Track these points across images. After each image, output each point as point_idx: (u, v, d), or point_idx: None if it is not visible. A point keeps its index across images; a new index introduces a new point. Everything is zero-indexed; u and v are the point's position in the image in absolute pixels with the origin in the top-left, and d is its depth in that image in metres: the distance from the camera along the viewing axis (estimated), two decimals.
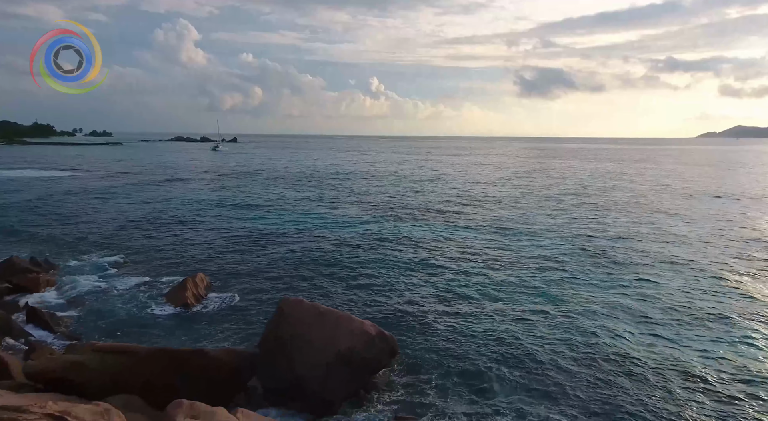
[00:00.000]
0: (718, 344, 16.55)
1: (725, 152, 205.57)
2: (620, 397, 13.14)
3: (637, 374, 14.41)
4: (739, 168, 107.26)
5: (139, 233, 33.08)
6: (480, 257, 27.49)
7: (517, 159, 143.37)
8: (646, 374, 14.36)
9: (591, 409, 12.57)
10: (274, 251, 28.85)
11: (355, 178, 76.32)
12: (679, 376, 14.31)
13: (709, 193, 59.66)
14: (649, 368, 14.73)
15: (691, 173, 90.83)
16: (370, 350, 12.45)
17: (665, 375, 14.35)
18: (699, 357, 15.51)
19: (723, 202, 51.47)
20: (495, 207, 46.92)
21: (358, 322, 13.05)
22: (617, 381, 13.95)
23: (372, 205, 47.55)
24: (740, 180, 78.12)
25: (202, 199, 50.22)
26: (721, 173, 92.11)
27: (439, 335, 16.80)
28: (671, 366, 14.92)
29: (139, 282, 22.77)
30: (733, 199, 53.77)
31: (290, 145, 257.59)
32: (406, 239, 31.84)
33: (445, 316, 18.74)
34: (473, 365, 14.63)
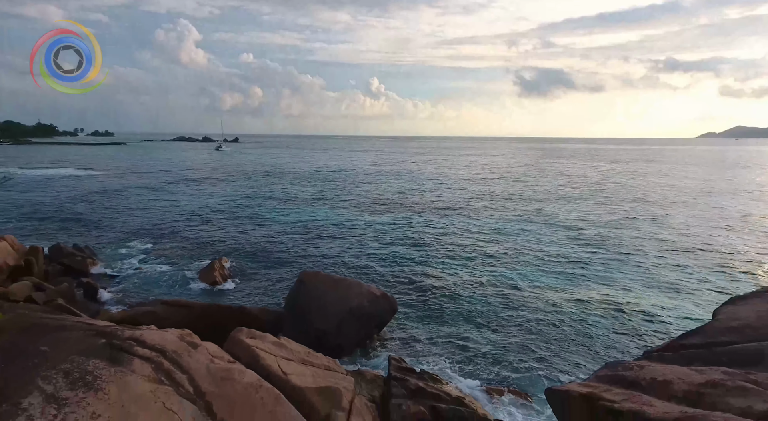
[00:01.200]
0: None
1: (722, 152, 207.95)
2: (563, 345, 16.45)
3: (567, 329, 17.70)
4: (725, 167, 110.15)
5: (167, 225, 36.47)
6: (468, 241, 30.87)
7: (515, 159, 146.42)
8: (570, 329, 17.65)
9: (541, 353, 15.86)
10: (286, 237, 32.29)
11: (356, 176, 79.72)
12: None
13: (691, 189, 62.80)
14: (575, 323, 18.03)
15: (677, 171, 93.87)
16: (375, 307, 15.75)
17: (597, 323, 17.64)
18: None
19: (694, 197, 54.64)
20: (486, 201, 50.34)
21: (366, 286, 16.37)
22: (559, 334, 17.29)
23: (373, 198, 51.19)
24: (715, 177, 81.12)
25: (216, 195, 53.63)
26: (706, 171, 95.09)
27: (431, 300, 20.28)
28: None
29: (173, 264, 26.12)
30: (702, 192, 56.91)
31: (291, 145, 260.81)
32: (404, 226, 35.43)
33: (436, 285, 22.31)
34: (456, 323, 18.00)
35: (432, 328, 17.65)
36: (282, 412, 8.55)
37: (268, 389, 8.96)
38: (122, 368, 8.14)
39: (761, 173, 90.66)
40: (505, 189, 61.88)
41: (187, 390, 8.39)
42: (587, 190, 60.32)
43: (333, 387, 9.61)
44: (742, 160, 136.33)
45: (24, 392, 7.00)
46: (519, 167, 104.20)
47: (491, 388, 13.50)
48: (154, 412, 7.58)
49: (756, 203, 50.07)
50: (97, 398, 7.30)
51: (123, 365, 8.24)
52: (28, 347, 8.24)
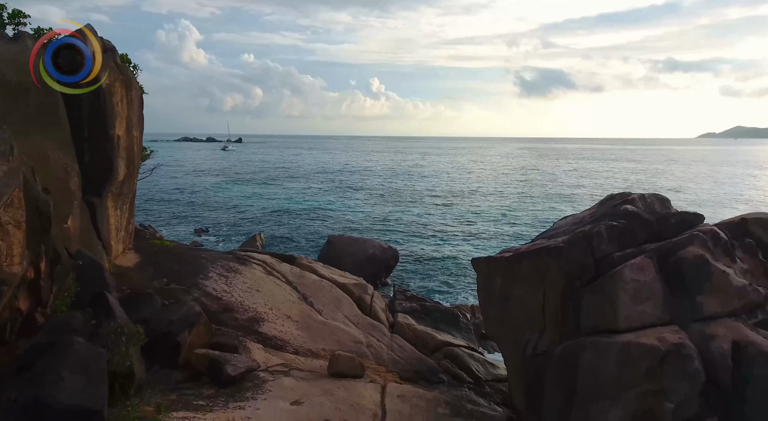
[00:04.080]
0: None
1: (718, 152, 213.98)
2: None
3: None
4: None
5: (207, 211, 43.23)
6: (450, 221, 37.61)
7: (513, 159, 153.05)
8: None
9: None
10: (309, 216, 39.28)
11: (361, 172, 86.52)
12: None
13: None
14: None
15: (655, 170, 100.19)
16: (383, 255, 22.31)
17: None
18: None
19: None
20: (471, 192, 57.11)
21: (376, 242, 22.96)
22: None
23: (377, 189, 58.16)
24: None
25: (239, 186, 60.33)
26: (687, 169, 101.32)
27: (424, 252, 27.18)
28: None
29: (221, 239, 32.72)
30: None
31: (294, 144, 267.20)
32: (403, 207, 42.37)
33: (427, 244, 29.54)
34: (437, 270, 24.69)
35: (421, 272, 24.33)
36: (336, 292, 15.13)
37: (326, 282, 15.57)
38: (247, 266, 14.76)
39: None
40: (490, 184, 68.53)
41: (283, 279, 14.98)
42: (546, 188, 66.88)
43: (362, 283, 16.19)
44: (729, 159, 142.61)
45: (207, 271, 13.62)
46: (511, 166, 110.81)
47: (459, 305, 20.06)
48: (269, 283, 14.20)
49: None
50: (241, 275, 13.94)
51: (247, 265, 14.87)
52: (197, 256, 14.86)
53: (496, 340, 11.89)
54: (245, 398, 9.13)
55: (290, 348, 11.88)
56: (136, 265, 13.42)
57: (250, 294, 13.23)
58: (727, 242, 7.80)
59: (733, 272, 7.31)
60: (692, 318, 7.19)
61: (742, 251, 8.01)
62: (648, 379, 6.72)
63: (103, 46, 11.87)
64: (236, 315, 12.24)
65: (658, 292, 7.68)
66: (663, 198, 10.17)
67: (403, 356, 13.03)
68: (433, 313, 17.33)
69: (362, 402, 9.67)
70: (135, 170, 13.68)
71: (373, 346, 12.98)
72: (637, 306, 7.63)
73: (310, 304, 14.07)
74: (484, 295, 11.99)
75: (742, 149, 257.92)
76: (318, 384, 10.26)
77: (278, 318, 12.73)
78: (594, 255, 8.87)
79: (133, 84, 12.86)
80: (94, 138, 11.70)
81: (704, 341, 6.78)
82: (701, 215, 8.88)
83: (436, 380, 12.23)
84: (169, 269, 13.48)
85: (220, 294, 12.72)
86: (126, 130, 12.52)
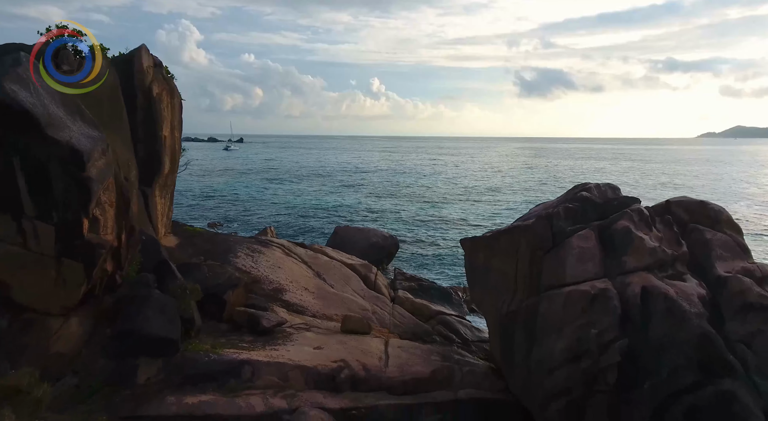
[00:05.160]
0: None
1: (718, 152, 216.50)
2: None
3: None
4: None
5: (217, 207, 45.70)
6: (445, 214, 40.00)
7: (512, 158, 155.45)
8: None
9: None
10: (314, 212, 41.52)
11: (362, 171, 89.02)
12: None
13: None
14: None
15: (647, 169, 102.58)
16: (385, 243, 24.71)
17: None
18: None
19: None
20: (472, 191, 59.61)
21: (379, 231, 25.36)
22: None
23: (377, 186, 60.59)
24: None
25: (245, 184, 62.76)
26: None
27: (422, 242, 29.60)
28: None
29: (234, 232, 35.14)
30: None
31: (295, 144, 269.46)
32: (402, 202, 44.60)
33: (426, 235, 31.87)
34: (432, 258, 27.07)
35: (419, 260, 26.78)
36: (345, 271, 17.54)
37: (336, 262, 17.99)
38: (268, 248, 17.18)
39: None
40: (487, 181, 71.02)
41: (300, 259, 17.39)
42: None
43: (367, 264, 18.61)
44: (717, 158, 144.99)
45: (235, 251, 16.03)
46: (509, 164, 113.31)
47: (453, 286, 22.44)
48: (288, 262, 16.62)
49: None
50: (264, 255, 16.36)
51: (268, 247, 17.28)
52: (226, 239, 17.32)
53: (479, 304, 14.27)
54: (277, 344, 11.57)
55: (308, 312, 14.29)
56: (177, 245, 15.83)
57: (273, 270, 15.65)
58: (648, 216, 10.20)
59: (649, 238, 9.71)
60: (618, 272, 9.59)
61: (662, 224, 10.42)
62: (582, 315, 9.12)
63: (153, 61, 14.28)
64: (263, 286, 14.66)
65: (596, 254, 10.08)
66: (615, 187, 12.55)
67: (402, 321, 15.45)
68: (429, 291, 19.75)
69: (370, 350, 12.08)
70: (175, 165, 16.10)
71: (377, 313, 15.40)
72: (581, 265, 10.02)
73: (323, 279, 16.49)
74: (470, 268, 14.36)
75: (742, 149, 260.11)
76: (333, 337, 12.69)
77: (297, 289, 15.15)
78: (553, 230, 11.24)
79: (175, 92, 15.27)
80: (147, 138, 14.12)
81: (623, 287, 9.18)
82: (637, 198, 11.27)
83: (430, 340, 14.62)
84: (204, 248, 15.90)
85: (249, 269, 15.14)
86: (170, 132, 14.94)
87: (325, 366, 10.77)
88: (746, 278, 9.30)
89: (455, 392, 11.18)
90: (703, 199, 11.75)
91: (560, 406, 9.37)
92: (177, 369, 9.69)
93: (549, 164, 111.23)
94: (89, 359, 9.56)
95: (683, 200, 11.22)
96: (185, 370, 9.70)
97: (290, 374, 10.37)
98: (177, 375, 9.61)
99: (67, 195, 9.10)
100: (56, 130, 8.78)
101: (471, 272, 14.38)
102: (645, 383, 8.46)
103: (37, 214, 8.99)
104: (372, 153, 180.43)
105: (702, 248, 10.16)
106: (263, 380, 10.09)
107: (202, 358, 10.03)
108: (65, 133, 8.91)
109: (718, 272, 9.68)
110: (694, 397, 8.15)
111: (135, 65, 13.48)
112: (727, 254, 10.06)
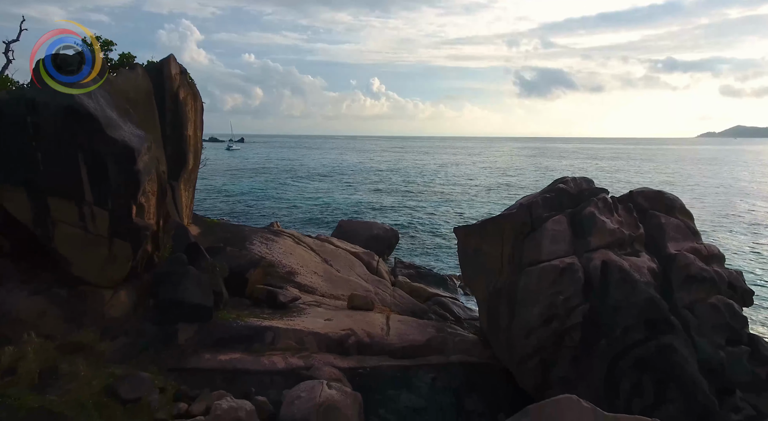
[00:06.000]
0: None
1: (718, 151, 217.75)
2: None
3: None
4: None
5: (223, 203, 47.47)
6: (443, 210, 41.77)
7: (510, 157, 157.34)
8: None
9: None
10: (318, 207, 43.37)
11: (361, 170, 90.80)
12: None
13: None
14: None
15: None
16: (386, 235, 26.45)
17: None
18: None
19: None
20: (470, 188, 61.42)
21: (381, 224, 27.11)
22: None
23: (380, 184, 62.42)
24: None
25: (249, 182, 64.55)
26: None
27: (420, 233, 31.25)
28: None
29: None
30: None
31: (295, 144, 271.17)
32: (402, 198, 46.43)
33: (424, 228, 33.48)
34: (430, 248, 28.80)
35: (418, 252, 28.54)
36: (350, 258, 19.28)
37: (341, 250, 19.73)
38: (280, 237, 18.91)
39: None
40: (484, 179, 72.84)
41: (308, 247, 19.12)
42: None
43: (369, 252, 20.35)
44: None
45: (251, 239, 17.76)
46: (507, 163, 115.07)
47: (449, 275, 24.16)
48: (299, 249, 18.36)
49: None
50: (276, 243, 18.09)
51: (280, 236, 19.01)
52: (241, 229, 19.06)
53: (471, 285, 16.01)
54: (293, 316, 13.32)
55: (318, 292, 16.02)
56: (199, 233, 17.55)
57: (285, 256, 17.38)
58: (611, 204, 11.93)
59: (610, 222, 11.44)
60: (584, 250, 11.31)
61: (624, 210, 12.16)
62: (553, 284, 10.85)
63: (179, 69, 16.01)
64: (277, 269, 16.39)
65: (567, 236, 11.80)
66: (589, 180, 14.27)
67: (402, 301, 17.19)
68: (426, 277, 21.52)
69: (373, 322, 13.82)
70: (197, 162, 17.83)
71: (379, 294, 17.13)
72: (554, 245, 11.74)
73: (330, 265, 18.23)
74: (463, 253, 16.07)
75: (743, 149, 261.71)
76: (341, 312, 14.43)
77: (308, 273, 16.89)
78: (532, 217, 12.96)
79: (197, 96, 17.00)
80: (174, 137, 15.86)
81: (587, 261, 10.91)
82: (605, 189, 13.01)
83: (427, 317, 16.35)
84: (223, 236, 17.63)
85: (264, 254, 16.87)
86: (194, 131, 16.67)
87: (336, 333, 12.50)
88: (691, 255, 11.04)
89: (447, 357, 12.91)
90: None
91: (535, 362, 11.10)
92: (210, 333, 11.42)
93: (548, 164, 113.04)
94: (137, 324, 11.31)
95: (644, 190, 12.96)
96: (217, 333, 11.44)
97: (306, 339, 12.11)
98: (210, 338, 11.34)
99: (120, 185, 10.84)
100: (113, 130, 10.51)
101: (463, 256, 16.09)
102: (602, 339, 10.20)
103: (95, 200, 10.73)
104: (372, 152, 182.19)
105: (657, 231, 11.90)
106: (283, 344, 11.82)
107: (231, 324, 11.78)
108: (120, 133, 10.65)
109: (669, 250, 11.42)
110: (641, 350, 9.89)
111: (165, 72, 15.19)
112: (679, 235, 11.80)
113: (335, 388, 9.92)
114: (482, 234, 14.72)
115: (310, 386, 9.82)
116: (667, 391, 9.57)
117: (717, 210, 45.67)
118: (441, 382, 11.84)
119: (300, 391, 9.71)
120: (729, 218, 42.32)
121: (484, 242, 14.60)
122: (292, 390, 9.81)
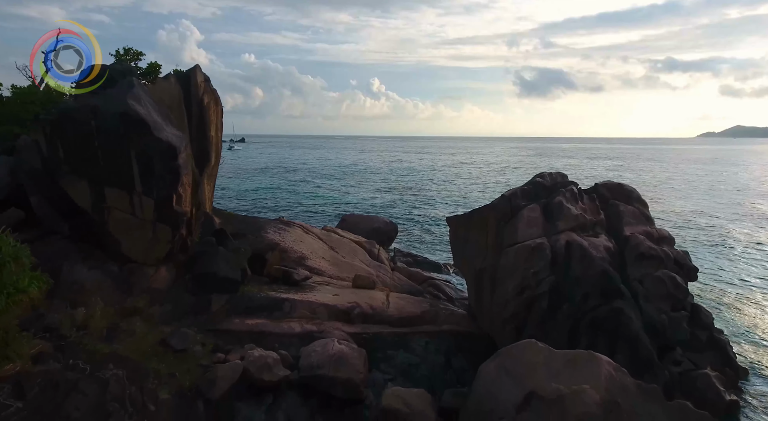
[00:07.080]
0: None
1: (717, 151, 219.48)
2: None
3: None
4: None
5: (229, 201, 49.57)
6: (438, 207, 43.87)
7: (510, 157, 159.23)
8: None
9: None
10: (321, 204, 45.44)
11: (361, 169, 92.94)
12: None
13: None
14: None
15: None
16: (386, 228, 28.58)
17: None
18: None
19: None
20: (467, 186, 63.52)
21: (381, 218, 29.24)
22: None
23: (379, 181, 64.54)
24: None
25: (252, 180, 66.74)
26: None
27: (420, 227, 33.32)
28: None
29: None
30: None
31: (295, 144, 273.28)
32: (401, 194, 48.52)
33: (423, 221, 35.52)
34: (427, 241, 30.91)
35: (415, 244, 30.67)
36: (353, 246, 21.39)
37: (345, 239, 21.85)
38: (291, 227, 21.01)
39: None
40: (482, 177, 74.95)
41: (316, 236, 21.22)
42: None
43: (371, 241, 22.47)
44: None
45: (265, 228, 19.88)
46: (506, 163, 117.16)
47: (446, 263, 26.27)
48: (308, 238, 20.48)
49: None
50: (288, 232, 20.21)
51: (291, 227, 21.12)
52: (255, 220, 21.19)
53: (461, 267, 18.11)
54: (306, 292, 15.43)
55: (326, 274, 18.13)
56: (219, 223, 19.65)
57: (296, 243, 19.49)
58: (575, 193, 14.07)
59: (575, 208, 13.56)
60: (553, 233, 13.44)
61: (589, 200, 14.28)
62: (526, 261, 12.96)
63: (204, 77, 18.12)
64: (290, 254, 18.49)
65: (540, 222, 13.92)
66: (563, 174, 16.38)
67: (400, 283, 19.30)
68: (423, 264, 23.65)
69: (375, 298, 15.93)
70: (218, 160, 19.94)
71: (380, 277, 19.25)
72: (528, 230, 13.86)
73: (336, 251, 20.35)
74: (453, 240, 18.18)
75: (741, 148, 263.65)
76: (347, 290, 16.55)
77: (317, 258, 19.00)
78: (512, 206, 15.08)
79: (218, 101, 19.11)
80: (199, 137, 17.96)
81: (555, 242, 13.03)
82: (574, 181, 15.13)
83: (422, 296, 18.47)
84: (241, 226, 19.73)
85: (278, 241, 18.98)
86: (215, 132, 18.78)
87: (343, 305, 14.62)
88: (641, 236, 13.18)
89: (439, 326, 15.03)
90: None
91: (511, 327, 13.22)
92: (238, 302, 13.54)
93: (547, 164, 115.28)
94: (177, 294, 13.43)
95: (607, 183, 15.10)
96: (243, 303, 13.56)
97: (317, 309, 14.23)
98: (238, 306, 13.46)
99: (164, 177, 12.95)
100: (159, 132, 12.64)
101: (454, 242, 18.21)
102: (565, 305, 12.32)
103: (143, 190, 12.85)
104: (372, 152, 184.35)
105: (616, 216, 14.03)
106: (298, 312, 13.94)
107: (255, 295, 13.90)
108: (164, 134, 12.77)
109: (625, 233, 13.55)
110: (596, 313, 12.01)
111: (192, 81, 17.30)
112: (634, 221, 13.93)
113: (345, 344, 12.06)
114: (469, 223, 16.82)
115: (324, 343, 11.98)
116: (617, 345, 11.70)
117: (719, 208, 47.75)
118: (433, 345, 13.95)
119: (315, 346, 11.86)
120: (733, 214, 44.44)
121: (472, 229, 16.70)
122: (309, 346, 11.96)
